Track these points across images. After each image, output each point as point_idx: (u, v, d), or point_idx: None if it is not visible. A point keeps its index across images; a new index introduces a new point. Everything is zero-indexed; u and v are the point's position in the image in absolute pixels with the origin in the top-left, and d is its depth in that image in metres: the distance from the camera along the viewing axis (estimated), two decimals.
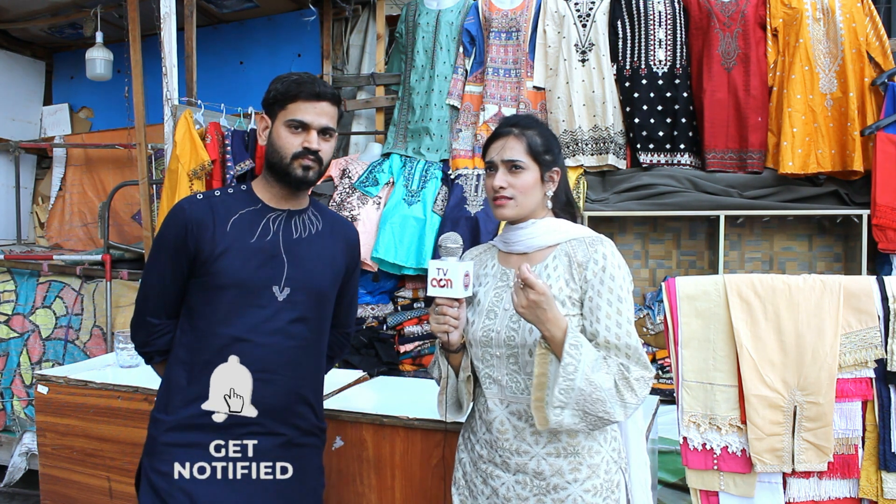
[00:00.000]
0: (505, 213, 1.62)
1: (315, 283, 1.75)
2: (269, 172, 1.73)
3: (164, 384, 1.74)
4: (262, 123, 1.74)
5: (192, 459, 1.66)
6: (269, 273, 1.68)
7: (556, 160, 1.64)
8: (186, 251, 1.67)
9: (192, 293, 1.71)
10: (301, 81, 1.68)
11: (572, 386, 1.42)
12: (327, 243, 1.80)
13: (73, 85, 5.42)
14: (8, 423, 4.14)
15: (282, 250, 1.71)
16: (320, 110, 1.68)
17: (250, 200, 1.74)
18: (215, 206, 1.70)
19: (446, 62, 3.93)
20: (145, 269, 1.79)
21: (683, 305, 2.15)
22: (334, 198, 3.79)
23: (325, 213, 1.86)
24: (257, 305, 1.67)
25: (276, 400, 1.70)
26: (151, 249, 1.77)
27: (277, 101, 1.68)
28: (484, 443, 1.65)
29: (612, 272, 1.54)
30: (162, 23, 3.61)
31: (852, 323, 2.05)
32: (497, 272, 1.68)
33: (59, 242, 5.19)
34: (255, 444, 1.69)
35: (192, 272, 1.69)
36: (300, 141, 1.67)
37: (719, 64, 3.49)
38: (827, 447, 2.03)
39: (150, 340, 1.76)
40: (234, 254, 1.66)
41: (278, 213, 1.74)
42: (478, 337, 1.62)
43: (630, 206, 3.53)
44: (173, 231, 1.68)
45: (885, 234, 3.24)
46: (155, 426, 1.70)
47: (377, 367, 3.57)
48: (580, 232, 1.63)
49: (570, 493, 1.56)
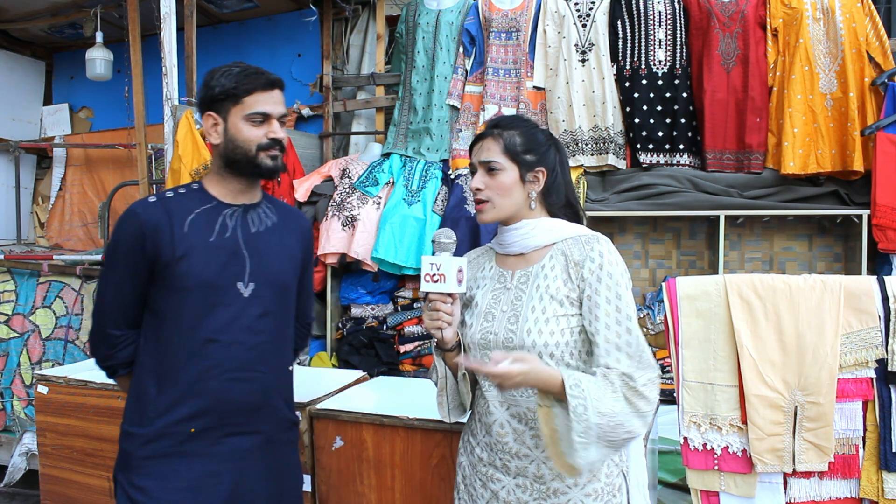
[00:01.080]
0: (484, 217, 1.62)
1: (278, 277, 1.74)
2: (228, 168, 1.70)
3: (132, 396, 1.70)
4: (211, 121, 1.69)
5: (172, 469, 1.63)
6: (233, 270, 1.66)
7: (541, 160, 1.61)
8: (145, 257, 1.62)
9: (154, 299, 1.67)
10: (251, 73, 1.66)
11: (588, 425, 1.39)
12: (284, 235, 1.79)
13: (73, 85, 5.42)
14: (8, 423, 4.13)
15: (242, 246, 1.69)
16: (276, 99, 1.68)
17: (204, 198, 1.70)
18: (170, 207, 1.66)
19: (446, 62, 3.93)
20: (101, 281, 1.72)
21: (684, 305, 2.15)
22: (334, 198, 3.79)
23: (277, 204, 1.84)
24: (224, 304, 1.65)
25: (252, 397, 1.69)
26: (105, 259, 1.71)
27: (229, 96, 1.65)
28: (484, 445, 1.64)
29: (610, 270, 1.52)
30: (162, 23, 3.61)
31: (853, 323, 2.05)
32: (494, 274, 1.67)
33: (59, 242, 5.19)
34: (235, 446, 1.68)
35: (152, 278, 1.65)
36: (263, 132, 1.66)
37: (719, 64, 3.49)
38: (828, 447, 2.03)
39: (113, 353, 1.71)
40: (196, 254, 1.63)
41: (234, 209, 1.72)
42: (476, 339, 1.61)
43: (630, 206, 3.53)
44: (129, 237, 1.63)
45: (885, 234, 3.24)
46: (129, 441, 1.66)
47: (377, 367, 3.57)
48: (576, 231, 1.62)
49: (571, 497, 1.55)
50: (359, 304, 3.80)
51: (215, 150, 1.72)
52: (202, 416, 1.64)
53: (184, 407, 1.63)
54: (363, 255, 3.62)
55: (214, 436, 1.66)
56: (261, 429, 1.72)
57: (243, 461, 1.69)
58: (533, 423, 1.55)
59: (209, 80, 1.68)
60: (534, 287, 1.57)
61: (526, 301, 1.57)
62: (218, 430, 1.66)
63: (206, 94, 1.68)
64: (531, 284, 1.58)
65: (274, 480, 1.76)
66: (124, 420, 1.70)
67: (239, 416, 1.68)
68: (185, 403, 1.63)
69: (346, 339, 3.77)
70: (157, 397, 1.64)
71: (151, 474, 1.63)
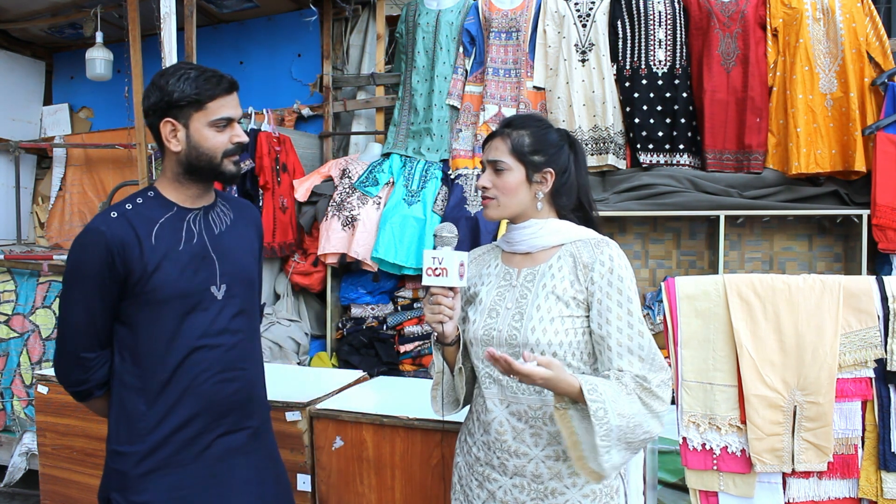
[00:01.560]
0: (488, 213, 1.63)
1: (245, 273, 1.75)
2: (188, 175, 1.65)
3: (116, 416, 1.65)
4: (170, 128, 1.62)
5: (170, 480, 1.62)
6: (205, 275, 1.65)
7: (550, 161, 1.61)
8: (114, 275, 1.57)
9: (127, 314, 1.62)
10: (210, 76, 1.61)
11: (610, 427, 1.39)
12: (242, 230, 1.79)
13: (73, 85, 5.41)
14: (8, 423, 4.13)
15: (210, 249, 1.68)
16: (236, 101, 1.66)
17: (164, 206, 1.66)
18: (133, 220, 1.60)
19: (446, 62, 3.93)
20: (64, 304, 1.63)
21: (683, 305, 2.15)
22: (334, 198, 3.79)
23: (229, 200, 1.83)
24: (201, 310, 1.63)
25: (240, 395, 1.70)
26: (68, 281, 1.63)
27: (191, 103, 1.59)
28: (481, 445, 1.63)
29: (620, 273, 1.53)
30: (162, 23, 3.61)
31: (852, 323, 2.05)
32: (500, 272, 1.68)
33: (59, 242, 5.19)
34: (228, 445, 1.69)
35: (122, 294, 1.60)
36: (227, 138, 1.63)
37: (719, 64, 3.49)
38: (827, 447, 2.03)
39: (88, 377, 1.65)
40: (168, 265, 1.60)
41: (195, 213, 1.69)
42: (479, 335, 1.61)
43: (630, 206, 3.53)
44: (95, 257, 1.57)
45: (885, 234, 3.24)
46: (122, 461, 1.62)
47: (377, 367, 3.57)
48: (584, 233, 1.62)
49: (569, 497, 1.55)
50: (359, 304, 3.80)
51: (173, 157, 1.65)
52: (195, 421, 1.64)
53: (175, 417, 1.62)
54: (363, 255, 3.62)
55: (208, 439, 1.66)
56: (249, 424, 1.73)
57: (237, 459, 1.71)
58: (533, 421, 1.55)
59: (164, 85, 1.59)
60: (540, 286, 1.58)
61: (531, 299, 1.57)
62: (210, 433, 1.66)
63: (162, 100, 1.60)
64: (537, 283, 1.59)
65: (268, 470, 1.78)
66: (111, 440, 1.66)
67: (230, 416, 1.69)
68: (176, 413, 1.62)
69: (346, 339, 3.77)
70: (146, 413, 1.61)
71: (149, 489, 1.61)
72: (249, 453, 1.73)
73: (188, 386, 1.63)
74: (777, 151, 3.46)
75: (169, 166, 1.68)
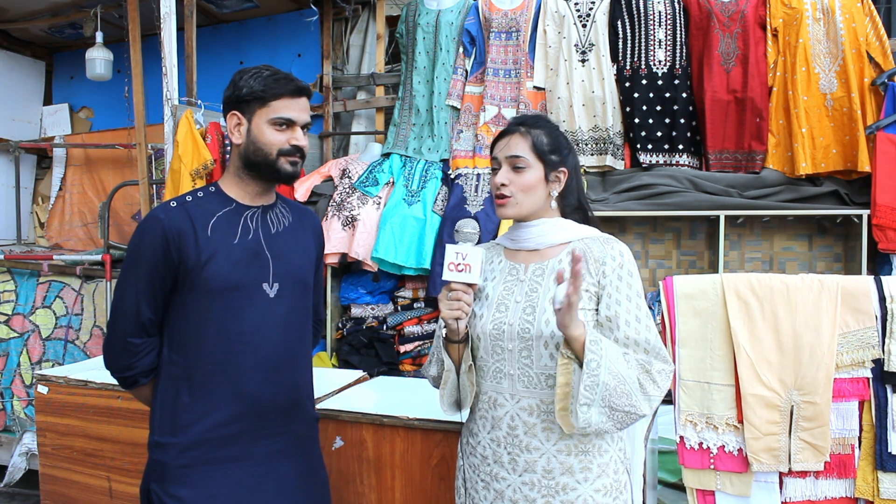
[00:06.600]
0: (505, 212, 1.62)
1: (299, 275, 1.75)
2: (247, 170, 1.70)
3: (160, 405, 1.66)
4: (235, 121, 1.68)
5: (209, 477, 1.62)
6: (258, 271, 1.67)
7: (563, 161, 1.63)
8: (169, 262, 1.60)
9: (178, 304, 1.64)
10: (280, 78, 1.66)
11: (597, 381, 1.41)
12: (300, 234, 1.80)
13: (73, 85, 5.43)
14: (8, 423, 4.14)
15: (264, 247, 1.70)
16: (302, 106, 1.69)
17: (223, 201, 1.70)
18: (192, 211, 1.65)
19: (446, 63, 3.93)
20: (119, 287, 1.66)
21: (681, 304, 2.15)
22: (334, 198, 3.80)
23: (291, 204, 1.85)
24: (252, 305, 1.65)
25: (285, 397, 1.70)
26: (126, 265, 1.66)
27: (256, 98, 1.64)
28: (488, 443, 1.61)
29: (630, 269, 1.56)
30: (162, 23, 3.62)
31: (850, 323, 2.05)
32: (505, 267, 1.67)
33: (59, 242, 5.20)
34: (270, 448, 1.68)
35: (175, 283, 1.63)
36: (286, 138, 1.66)
37: (719, 64, 3.49)
38: (823, 447, 2.03)
39: (134, 363, 1.65)
40: (221, 257, 1.62)
41: (254, 211, 1.72)
42: (488, 330, 1.60)
43: (630, 206, 3.54)
44: (152, 243, 1.61)
45: (885, 234, 3.24)
46: (163, 451, 1.62)
47: (377, 367, 3.57)
48: (590, 231, 1.65)
49: (581, 493, 1.53)
50: (359, 304, 3.80)
51: (235, 151, 1.70)
52: (238, 419, 1.64)
53: (219, 412, 1.62)
54: (363, 255, 3.62)
55: (250, 439, 1.66)
56: (292, 428, 1.73)
57: (278, 462, 1.70)
58: (545, 415, 1.54)
59: (238, 80, 1.67)
60: (551, 280, 1.58)
61: (542, 293, 1.57)
62: (254, 433, 1.66)
63: (233, 94, 1.67)
64: (547, 277, 1.59)
65: (308, 478, 1.76)
66: (153, 431, 1.66)
67: (273, 417, 1.68)
68: (220, 408, 1.62)
69: (346, 339, 3.77)
70: (190, 404, 1.62)
71: (188, 483, 1.61)
72: (291, 459, 1.72)
73: (233, 381, 1.63)
74: (777, 151, 3.46)
75: (232, 161, 1.73)
